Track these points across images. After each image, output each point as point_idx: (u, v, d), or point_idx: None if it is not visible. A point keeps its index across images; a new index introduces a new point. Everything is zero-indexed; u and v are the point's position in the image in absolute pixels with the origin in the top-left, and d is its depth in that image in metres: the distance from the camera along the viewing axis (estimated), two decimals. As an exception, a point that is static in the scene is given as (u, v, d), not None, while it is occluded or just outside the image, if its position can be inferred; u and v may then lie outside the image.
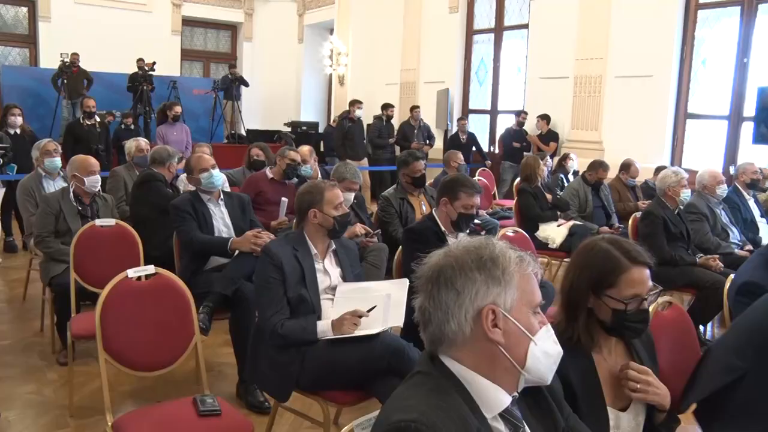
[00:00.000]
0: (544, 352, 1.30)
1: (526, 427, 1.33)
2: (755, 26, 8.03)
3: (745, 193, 5.80)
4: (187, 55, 15.71)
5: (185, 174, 4.24)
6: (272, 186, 5.27)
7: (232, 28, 16.45)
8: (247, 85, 12.76)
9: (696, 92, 8.73)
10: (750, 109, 7.96)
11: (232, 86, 12.38)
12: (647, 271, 1.77)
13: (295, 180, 5.33)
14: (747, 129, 8.04)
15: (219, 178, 4.05)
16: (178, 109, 9.54)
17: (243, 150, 7.07)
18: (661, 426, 1.82)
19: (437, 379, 1.26)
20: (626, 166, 7.04)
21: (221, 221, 3.97)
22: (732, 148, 8.34)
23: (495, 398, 1.27)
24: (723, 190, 5.40)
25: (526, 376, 1.29)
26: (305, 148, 5.87)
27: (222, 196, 4.06)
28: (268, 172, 5.37)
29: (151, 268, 2.81)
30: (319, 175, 5.26)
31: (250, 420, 2.64)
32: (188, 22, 15.46)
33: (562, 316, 1.82)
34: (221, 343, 4.26)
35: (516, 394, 1.32)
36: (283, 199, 4.84)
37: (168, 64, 13.42)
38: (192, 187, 4.11)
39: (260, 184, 5.25)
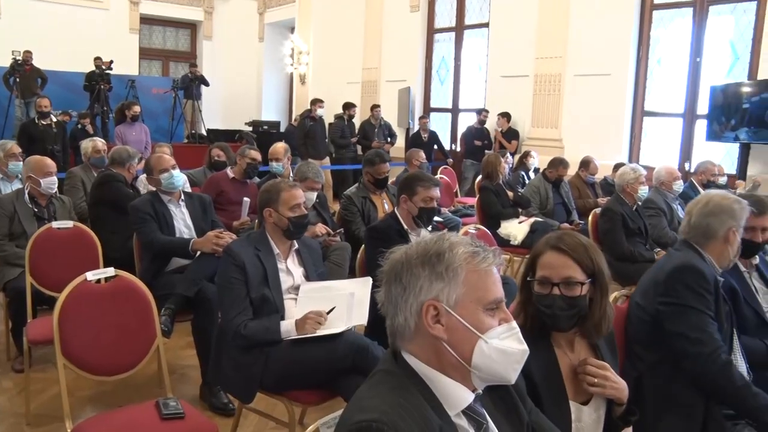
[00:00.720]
0: (500, 350, 1.27)
1: (491, 424, 1.34)
2: (706, 27, 8.25)
3: (700, 189, 5.95)
4: (145, 53, 15.46)
5: (145, 175, 4.18)
6: (233, 186, 5.23)
7: (191, 27, 16.25)
8: (207, 84, 12.61)
9: (652, 90, 8.94)
10: (703, 107, 8.18)
11: (192, 85, 12.22)
12: (567, 261, 1.77)
13: (257, 179, 5.29)
14: (701, 126, 8.26)
15: (179, 178, 4.00)
16: (136, 108, 9.39)
17: (204, 150, 6.99)
18: (619, 419, 1.86)
19: (399, 378, 1.27)
20: (585, 163, 7.16)
21: (182, 222, 3.93)
22: (687, 145, 8.55)
23: (457, 396, 1.28)
24: (679, 185, 5.56)
25: (478, 374, 1.27)
26: (280, 146, 5.83)
27: (183, 197, 4.01)
28: (229, 172, 5.34)
29: (110, 271, 2.77)
30: (291, 174, 5.23)
31: (215, 422, 2.62)
32: (146, 20, 15.22)
33: (518, 308, 1.84)
34: (184, 345, 4.21)
35: (479, 391, 1.33)
36: (245, 199, 4.81)
37: (126, 63, 13.20)
38: (152, 188, 4.05)
39: (221, 184, 5.21)
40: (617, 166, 6.64)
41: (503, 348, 1.27)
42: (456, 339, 1.26)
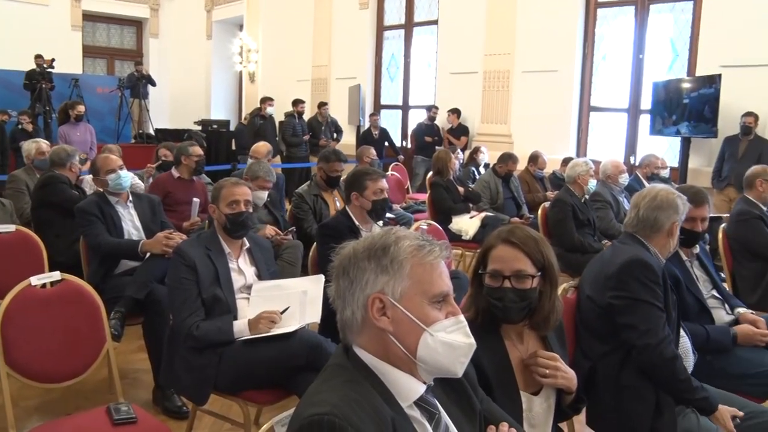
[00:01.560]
0: (446, 344, 1.28)
1: (443, 414, 1.36)
2: (648, 25, 8.50)
3: (645, 182, 6.13)
4: (89, 51, 15.07)
5: (91, 175, 4.08)
6: (180, 185, 5.17)
7: (137, 24, 15.90)
8: (154, 84, 12.38)
9: (598, 86, 9.15)
10: (647, 102, 8.42)
11: (138, 84, 11.98)
12: (518, 254, 1.80)
13: (205, 177, 5.24)
14: (645, 121, 8.50)
15: (127, 179, 3.92)
16: (81, 108, 9.15)
17: (152, 150, 6.88)
18: (568, 407, 1.91)
19: (350, 371, 1.28)
20: (534, 158, 7.28)
21: (131, 223, 3.86)
22: (632, 139, 8.79)
23: (408, 387, 1.29)
24: (625, 178, 5.73)
25: (424, 367, 1.29)
26: (262, 146, 5.82)
27: (131, 198, 3.94)
28: (174, 172, 5.25)
29: (56, 275, 2.70)
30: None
31: (168, 426, 2.58)
32: (89, 17, 14.82)
33: (469, 302, 1.87)
34: (135, 349, 4.14)
35: (430, 383, 1.34)
36: (195, 199, 4.74)
37: (69, 61, 12.83)
38: (99, 189, 3.97)
39: (167, 185, 5.13)
40: (565, 161, 6.79)
41: (449, 341, 1.29)
42: (401, 331, 1.28)
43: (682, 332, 2.44)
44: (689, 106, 7.63)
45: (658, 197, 2.46)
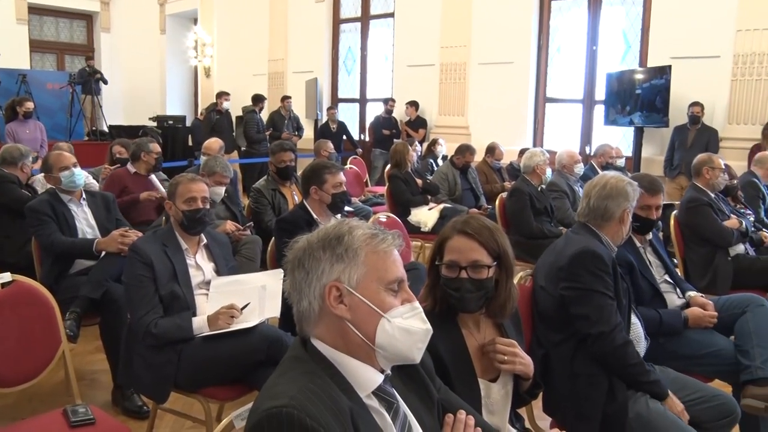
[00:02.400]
0: (403, 329, 1.30)
1: (401, 403, 1.37)
2: (601, 17, 8.66)
3: (600, 171, 6.24)
4: (37, 46, 14.66)
5: (42, 174, 3.99)
6: (137, 181, 5.10)
7: (87, 18, 15.53)
8: (105, 82, 12.10)
9: (553, 78, 9.28)
10: (600, 93, 8.57)
11: (90, 80, 11.71)
12: (473, 244, 1.82)
13: (162, 174, 5.19)
14: (599, 111, 8.66)
15: (81, 176, 3.84)
16: (29, 104, 8.88)
17: (106, 147, 6.73)
18: (526, 393, 1.95)
19: (308, 363, 1.29)
20: (491, 149, 7.36)
21: (85, 222, 3.78)
22: (587, 129, 8.95)
23: (366, 377, 1.31)
24: (580, 168, 5.83)
25: (383, 353, 1.30)
26: (214, 141, 5.76)
27: (84, 196, 3.86)
28: (130, 167, 5.18)
29: (6, 276, 2.63)
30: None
31: (128, 426, 2.55)
32: (36, 9, 14.41)
33: (426, 292, 1.89)
34: (93, 349, 4.07)
35: (388, 372, 1.36)
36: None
37: (15, 56, 12.48)
38: (51, 187, 3.88)
39: (124, 180, 5.06)
40: (522, 151, 6.87)
41: (406, 327, 1.31)
42: (359, 318, 1.29)
43: (634, 318, 2.49)
44: (641, 97, 7.81)
45: (607, 186, 2.50)
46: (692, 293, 3.02)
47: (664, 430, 2.12)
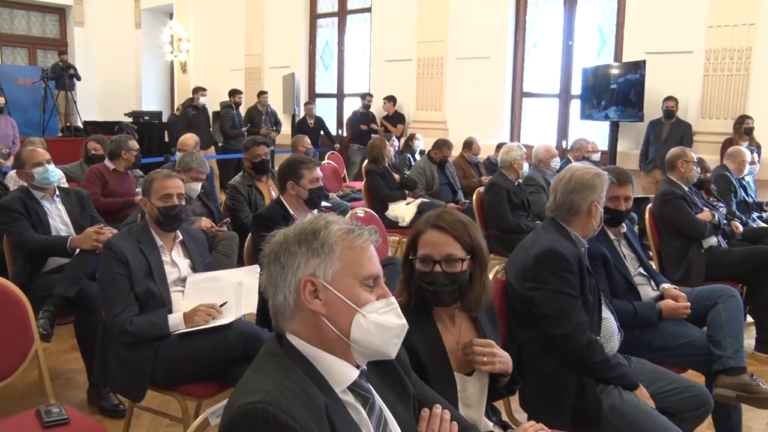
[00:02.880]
0: (378, 325, 1.31)
1: (377, 398, 1.37)
2: (576, 12, 8.72)
3: (576, 165, 6.30)
4: (8, 40, 14.40)
5: (14, 170, 3.93)
6: (117, 177, 5.09)
7: (60, 12, 15.27)
8: (78, 78, 11.92)
9: (529, 73, 9.34)
10: (576, 87, 8.65)
11: (63, 75, 11.52)
12: (447, 238, 1.82)
13: (138, 171, 5.16)
14: (575, 106, 8.73)
15: (54, 173, 3.78)
16: (0, 100, 8.76)
17: (80, 143, 6.64)
18: (504, 389, 1.96)
19: (283, 359, 1.28)
20: (468, 144, 7.38)
21: (58, 219, 3.73)
22: (563, 123, 9.02)
23: (342, 372, 1.31)
24: (556, 162, 5.88)
25: (358, 348, 1.31)
26: (189, 137, 5.77)
27: (57, 193, 3.81)
28: (109, 164, 5.13)
29: (-23, 275, 2.59)
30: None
31: (104, 425, 2.52)
32: (6, 2, 14.16)
33: (401, 287, 1.89)
34: (67, 348, 4.02)
35: (364, 367, 1.36)
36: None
37: (-15, 51, 12.26)
38: (23, 183, 3.82)
39: (105, 175, 5.08)
40: (499, 146, 6.90)
41: (382, 322, 1.31)
42: (334, 313, 1.29)
43: (607, 313, 2.49)
44: (617, 92, 7.88)
45: (572, 180, 2.47)
46: (666, 285, 3.06)
47: (638, 421, 2.15)
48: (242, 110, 10.65)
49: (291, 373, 1.24)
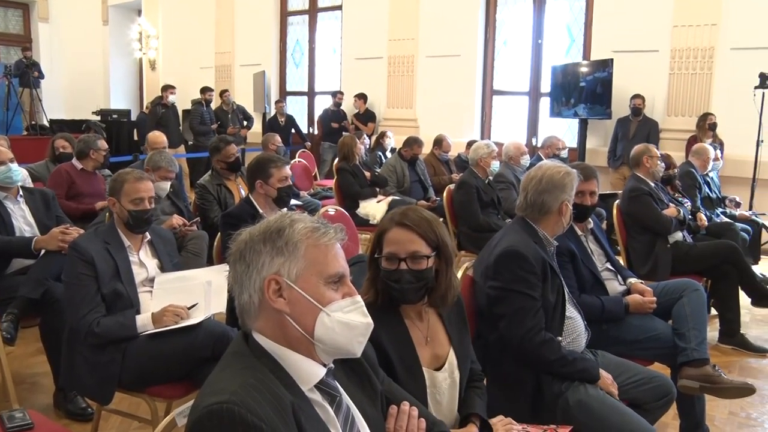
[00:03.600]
0: (343, 323, 1.31)
1: (344, 396, 1.38)
2: (546, 11, 8.81)
3: (546, 163, 6.36)
4: (-31, 36, 14.11)
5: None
6: (84, 177, 5.00)
7: (23, 7, 14.98)
8: (42, 76, 11.70)
9: (499, 70, 9.40)
10: (546, 85, 8.73)
11: (28, 72, 11.29)
12: (412, 236, 1.83)
13: (107, 171, 5.08)
14: (545, 104, 8.81)
15: (18, 172, 3.71)
16: (-38, 98, 8.58)
17: (46, 142, 6.52)
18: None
19: (249, 358, 1.28)
20: (439, 142, 7.41)
21: (22, 220, 3.66)
22: (533, 121, 9.11)
23: (308, 371, 1.31)
24: (526, 160, 5.92)
25: (322, 347, 1.31)
26: (157, 136, 5.71)
27: (21, 193, 3.74)
28: (76, 163, 5.05)
29: (-62, 277, 2.53)
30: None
31: (71, 429, 2.48)
32: (-35, -2, 13.86)
33: (368, 285, 1.90)
34: (33, 352, 3.94)
35: (331, 365, 1.36)
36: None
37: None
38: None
39: (72, 175, 4.97)
40: (470, 144, 6.94)
41: (346, 321, 1.31)
42: (298, 312, 1.29)
43: (573, 312, 2.51)
44: (585, 89, 7.98)
45: (543, 180, 2.47)
46: (633, 280, 3.11)
47: (604, 414, 2.18)
48: (213, 107, 10.58)
49: (257, 372, 1.24)
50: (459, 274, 2.52)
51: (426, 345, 1.89)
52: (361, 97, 9.90)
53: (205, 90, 10.27)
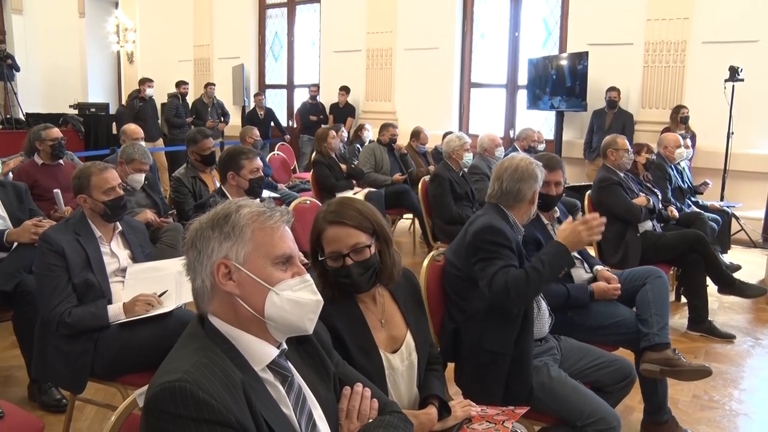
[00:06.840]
0: (293, 301, 1.35)
1: (297, 376, 1.43)
2: (522, 4, 8.87)
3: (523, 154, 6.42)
4: (-60, 29, 13.88)
5: (-52, 164, 3.82)
6: (46, 172, 4.90)
7: (-4, 0, 14.76)
8: (17, 69, 11.56)
9: (477, 63, 9.46)
10: (523, 78, 8.81)
11: (1, 65, 11.16)
12: (349, 230, 1.84)
13: (75, 158, 5.01)
14: (522, 96, 8.89)
15: (-9, 166, 3.70)
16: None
17: (23, 136, 6.46)
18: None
19: (203, 339, 1.33)
20: (416, 134, 7.45)
21: (-5, 213, 3.65)
22: (510, 113, 9.18)
23: (261, 351, 1.35)
24: (500, 151, 5.98)
25: (274, 325, 1.36)
26: (133, 127, 5.69)
27: (-8, 186, 3.72)
28: (37, 159, 4.98)
29: None
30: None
31: (41, 419, 2.49)
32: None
33: (321, 284, 1.91)
34: (7, 345, 3.94)
35: (284, 346, 1.41)
36: (56, 190, 4.48)
37: None
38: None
39: (32, 172, 4.83)
40: (446, 135, 6.99)
41: (296, 299, 1.36)
42: (248, 293, 1.34)
43: (539, 299, 2.57)
44: (562, 82, 8.06)
45: (519, 169, 2.57)
46: (599, 267, 3.18)
47: (565, 396, 2.25)
48: (189, 101, 10.54)
49: (210, 352, 1.29)
50: (425, 263, 2.58)
51: (382, 328, 1.93)
52: (345, 89, 9.92)
53: (180, 84, 10.24)
